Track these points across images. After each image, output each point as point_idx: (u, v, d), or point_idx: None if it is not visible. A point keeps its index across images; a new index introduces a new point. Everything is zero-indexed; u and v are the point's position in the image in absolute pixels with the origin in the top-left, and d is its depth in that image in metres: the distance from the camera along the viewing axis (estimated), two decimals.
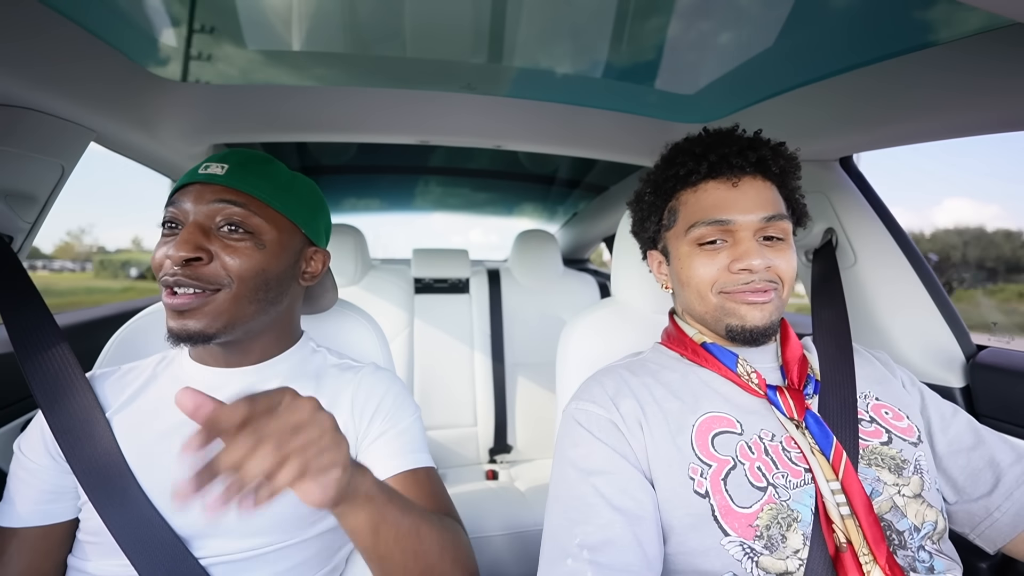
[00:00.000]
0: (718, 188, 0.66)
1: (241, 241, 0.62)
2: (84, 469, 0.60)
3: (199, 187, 0.62)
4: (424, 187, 2.32)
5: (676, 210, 0.70)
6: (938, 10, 0.67)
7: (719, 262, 0.64)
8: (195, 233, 0.60)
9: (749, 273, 0.62)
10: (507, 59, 1.01)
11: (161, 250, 0.61)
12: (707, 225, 0.64)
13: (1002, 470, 0.62)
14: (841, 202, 1.02)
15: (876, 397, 0.67)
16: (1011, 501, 0.60)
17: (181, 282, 0.59)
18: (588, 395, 0.66)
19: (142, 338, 0.84)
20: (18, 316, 0.69)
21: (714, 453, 0.58)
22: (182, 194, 0.63)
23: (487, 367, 1.79)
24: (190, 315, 0.60)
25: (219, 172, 0.63)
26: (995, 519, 0.60)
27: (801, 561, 0.52)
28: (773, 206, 0.65)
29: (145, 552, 0.57)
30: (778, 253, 0.64)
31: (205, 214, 0.61)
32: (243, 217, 0.62)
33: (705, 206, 0.65)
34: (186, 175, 0.65)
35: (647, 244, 0.78)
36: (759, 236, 0.64)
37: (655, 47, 0.95)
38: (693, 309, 0.69)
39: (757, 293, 0.63)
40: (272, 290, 0.65)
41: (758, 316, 0.63)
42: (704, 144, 0.68)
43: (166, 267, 0.60)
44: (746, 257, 0.62)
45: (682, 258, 0.68)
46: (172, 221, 0.62)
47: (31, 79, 0.73)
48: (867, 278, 1.01)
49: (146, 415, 0.65)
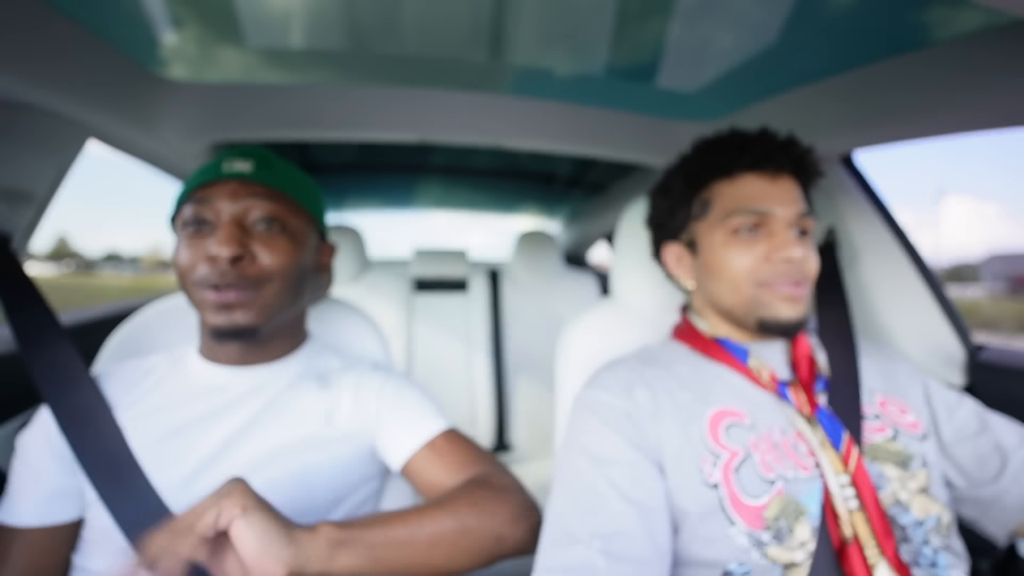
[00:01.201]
0: (757, 181, 0.66)
1: (278, 238, 0.63)
2: (92, 463, 0.60)
3: (232, 184, 0.61)
4: (424, 186, 2.32)
5: (710, 200, 0.69)
6: (940, 8, 0.67)
7: (756, 252, 0.64)
8: (236, 231, 0.59)
9: (788, 264, 0.63)
10: (508, 57, 1.01)
11: (191, 251, 0.60)
12: (747, 214, 0.65)
13: (1008, 454, 0.62)
14: (843, 200, 1.02)
15: (882, 392, 0.67)
16: (1019, 484, 0.60)
17: (230, 282, 0.59)
18: (602, 384, 0.66)
19: (143, 337, 0.84)
20: (21, 313, 0.69)
21: (725, 444, 0.58)
22: (209, 191, 0.61)
23: (487, 367, 1.79)
24: (239, 309, 0.60)
25: (247, 169, 0.62)
26: (1004, 503, 0.60)
27: (807, 553, 0.53)
28: (804, 202, 0.66)
29: None
30: (809, 250, 0.65)
31: (241, 211, 0.61)
32: (278, 213, 0.63)
33: (745, 195, 0.66)
34: (206, 172, 0.63)
35: (668, 235, 0.76)
36: (794, 230, 0.65)
37: (656, 45, 0.94)
38: (722, 301, 0.69)
39: (794, 285, 0.63)
40: (303, 283, 0.67)
41: (792, 311, 0.64)
42: (744, 138, 0.68)
43: (205, 269, 0.59)
44: (787, 247, 0.62)
45: (716, 248, 0.67)
46: (200, 220, 0.61)
47: (30, 77, 0.73)
48: (868, 276, 1.01)
49: (155, 412, 0.64)
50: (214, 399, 0.65)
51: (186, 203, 0.62)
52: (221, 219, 0.60)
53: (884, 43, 0.76)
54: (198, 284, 0.60)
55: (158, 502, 0.59)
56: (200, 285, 0.60)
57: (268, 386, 0.68)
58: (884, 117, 0.83)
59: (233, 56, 0.98)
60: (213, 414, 0.64)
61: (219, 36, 0.91)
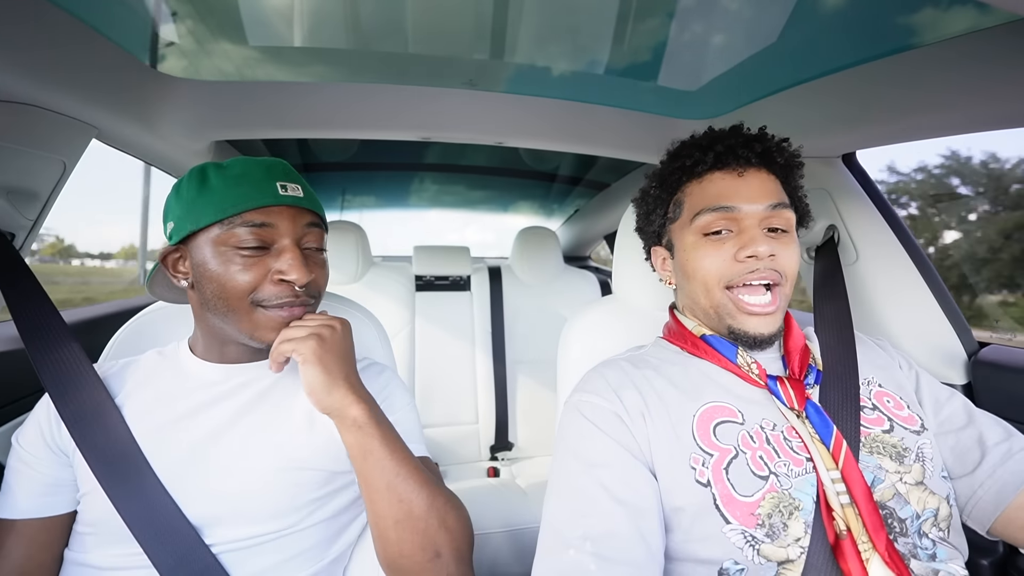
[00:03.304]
0: (724, 178, 0.66)
1: (322, 258, 0.71)
2: (97, 457, 0.61)
3: (291, 210, 0.65)
4: (424, 184, 2.32)
5: (682, 202, 0.70)
6: (941, 6, 0.67)
7: (725, 253, 0.64)
8: (301, 255, 0.64)
9: (755, 260, 0.62)
10: (509, 55, 1.00)
11: (251, 271, 0.62)
12: (713, 212, 0.64)
13: (988, 448, 0.61)
14: (843, 199, 1.02)
15: (879, 384, 0.67)
16: (993, 479, 0.59)
17: (303, 302, 0.65)
18: (591, 387, 0.66)
19: (146, 335, 0.84)
20: (25, 310, 0.70)
21: (715, 443, 0.58)
22: (270, 215, 0.63)
23: (488, 364, 1.79)
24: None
25: (300, 194, 0.67)
26: (979, 497, 0.60)
27: (802, 549, 0.53)
28: (777, 195, 0.65)
29: (158, 539, 0.59)
30: (783, 245, 0.64)
31: (300, 236, 0.66)
32: (322, 238, 0.70)
33: (711, 194, 0.66)
34: (259, 193, 0.63)
35: (651, 240, 0.78)
36: (764, 227, 0.64)
37: (657, 43, 0.94)
38: (697, 303, 0.69)
39: (761, 280, 0.63)
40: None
41: (760, 326, 0.63)
42: (710, 138, 0.68)
43: (274, 289, 0.63)
44: (752, 244, 0.62)
45: (687, 249, 0.68)
46: (262, 242, 0.63)
47: (33, 75, 0.73)
48: (869, 275, 1.01)
49: (150, 406, 0.66)
50: (206, 393, 0.68)
51: (236, 220, 0.62)
52: (283, 243, 0.64)
53: (886, 42, 0.76)
54: (261, 302, 0.63)
55: (163, 493, 0.60)
56: (263, 304, 0.63)
57: (259, 380, 0.70)
58: (886, 116, 0.83)
59: (235, 53, 0.98)
60: (204, 405, 0.66)
61: (220, 33, 0.91)
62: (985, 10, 0.63)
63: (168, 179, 1.36)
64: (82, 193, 4.38)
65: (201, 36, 0.91)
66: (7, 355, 0.88)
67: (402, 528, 0.58)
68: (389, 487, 0.59)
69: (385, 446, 0.60)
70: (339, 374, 0.62)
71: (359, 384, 0.64)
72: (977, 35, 0.66)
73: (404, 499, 0.58)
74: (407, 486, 0.59)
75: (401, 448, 0.61)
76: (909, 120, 0.81)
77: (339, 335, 0.64)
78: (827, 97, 0.90)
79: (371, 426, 0.60)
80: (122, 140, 1.05)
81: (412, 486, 0.59)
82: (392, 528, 0.58)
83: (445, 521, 0.59)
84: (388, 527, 0.58)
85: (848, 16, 0.76)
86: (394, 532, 0.58)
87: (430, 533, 0.58)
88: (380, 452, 0.59)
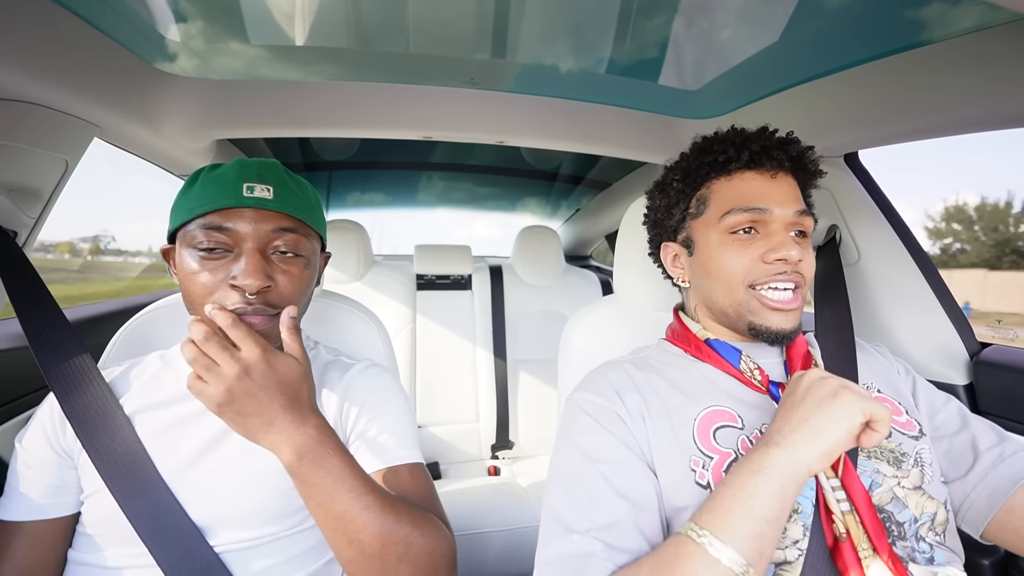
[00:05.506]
0: (756, 178, 0.66)
1: (294, 264, 0.65)
2: (103, 456, 0.61)
3: (254, 212, 0.61)
4: (427, 183, 2.32)
5: (707, 198, 0.69)
6: (943, 5, 0.67)
7: (753, 253, 0.64)
8: (260, 260, 0.60)
9: (784, 263, 0.62)
10: (511, 54, 1.00)
11: (210, 274, 0.60)
12: (744, 212, 0.64)
13: (981, 453, 0.61)
14: (845, 199, 1.02)
15: (878, 389, 0.67)
16: (985, 483, 0.59)
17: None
18: (593, 386, 0.66)
19: (149, 332, 0.84)
20: (30, 309, 0.70)
21: (715, 446, 0.59)
22: (229, 217, 0.60)
23: (489, 363, 1.79)
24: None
25: (268, 196, 0.62)
26: (972, 501, 0.60)
27: (800, 551, 0.53)
28: (802, 201, 0.66)
29: (163, 539, 0.59)
30: (805, 250, 0.64)
31: (264, 240, 0.62)
32: (297, 243, 0.65)
33: (742, 194, 0.65)
34: (223, 194, 0.61)
35: (666, 235, 0.76)
36: (791, 231, 0.64)
37: (659, 43, 0.94)
38: (716, 302, 0.68)
39: (786, 294, 0.63)
40: (310, 297, 0.71)
41: (783, 322, 0.63)
42: (743, 136, 0.68)
43: (229, 295, 0.59)
44: (783, 248, 0.62)
45: (712, 247, 0.67)
46: (219, 245, 0.60)
47: (35, 74, 0.73)
48: (870, 275, 1.01)
49: (153, 408, 0.67)
50: None
51: (198, 222, 0.61)
52: (243, 247, 0.60)
53: (889, 41, 0.76)
54: (217, 309, 0.60)
55: (167, 492, 0.61)
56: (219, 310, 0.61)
57: None
58: (889, 116, 0.83)
59: (236, 52, 0.98)
60: (204, 411, 0.66)
61: (223, 32, 0.91)
62: (987, 9, 0.62)
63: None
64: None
65: (203, 35, 0.91)
66: (7, 353, 0.88)
67: (356, 566, 0.56)
68: (335, 529, 0.55)
69: (328, 486, 0.55)
70: (264, 416, 0.54)
71: (298, 418, 0.56)
72: (980, 34, 0.66)
73: (353, 540, 0.55)
74: (355, 527, 0.55)
75: (352, 484, 0.56)
76: (912, 120, 0.81)
77: (261, 372, 0.54)
78: (830, 97, 0.89)
79: (308, 467, 0.54)
80: (123, 138, 1.06)
81: (361, 525, 0.55)
82: (347, 566, 0.57)
83: (407, 554, 0.56)
84: (344, 564, 0.57)
85: (851, 15, 0.76)
86: (350, 568, 0.57)
87: (388, 570, 0.56)
88: (321, 495, 0.55)
